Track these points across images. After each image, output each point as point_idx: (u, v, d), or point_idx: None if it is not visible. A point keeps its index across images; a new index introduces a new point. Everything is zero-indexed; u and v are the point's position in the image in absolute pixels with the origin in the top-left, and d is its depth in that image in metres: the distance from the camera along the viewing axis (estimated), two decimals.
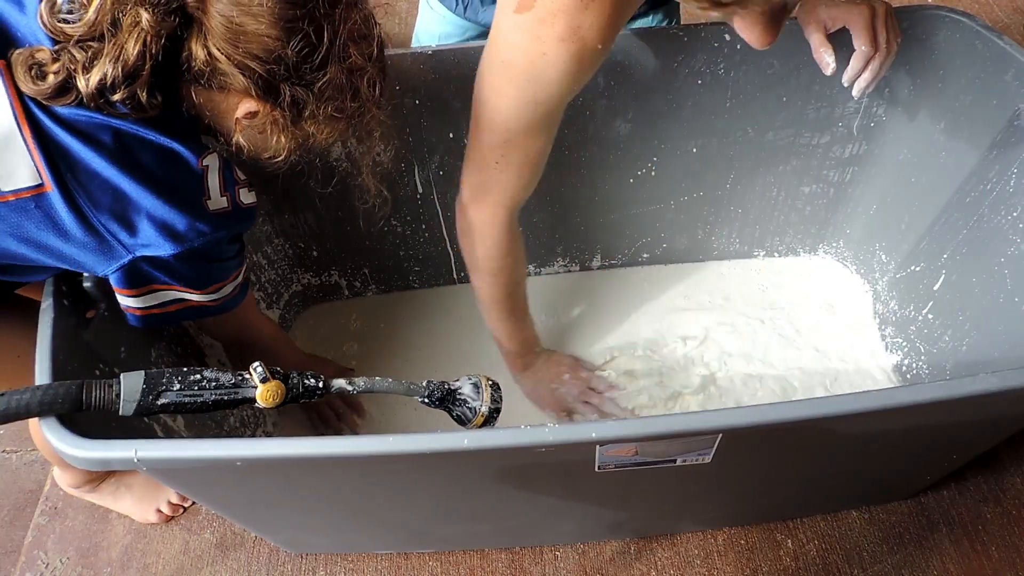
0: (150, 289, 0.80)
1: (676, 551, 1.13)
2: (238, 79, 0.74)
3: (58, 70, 0.69)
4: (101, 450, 0.69)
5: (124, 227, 0.74)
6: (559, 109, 0.91)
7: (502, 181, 0.96)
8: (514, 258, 1.07)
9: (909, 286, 1.26)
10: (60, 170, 0.71)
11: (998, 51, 1.01)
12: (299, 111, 0.78)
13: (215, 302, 0.87)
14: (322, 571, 1.14)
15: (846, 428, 0.80)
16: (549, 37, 0.82)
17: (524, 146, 0.92)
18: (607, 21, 0.82)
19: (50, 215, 0.71)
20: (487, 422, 0.86)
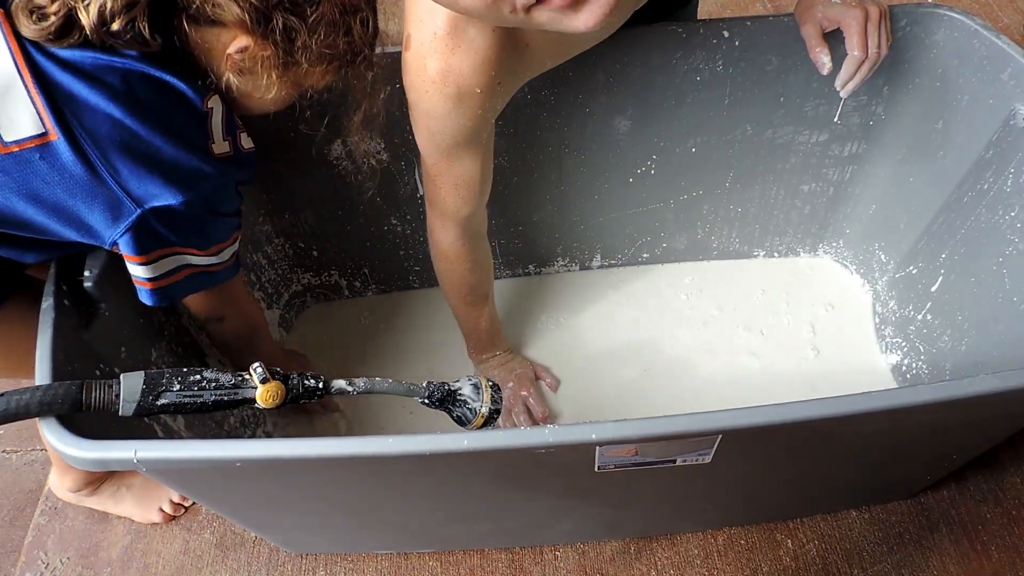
0: (159, 255, 0.78)
1: (676, 551, 1.13)
2: (232, 9, 0.72)
3: (58, 8, 0.67)
4: (101, 450, 0.69)
5: (132, 175, 0.71)
6: (470, 139, 0.91)
7: (444, 198, 0.99)
8: (479, 268, 1.11)
9: (908, 286, 1.26)
10: (65, 117, 0.68)
11: (996, 51, 1.01)
12: (291, 43, 0.77)
13: (217, 267, 0.86)
14: (322, 571, 1.14)
15: (846, 428, 0.80)
16: (425, 78, 0.83)
17: (449, 170, 0.95)
18: (480, 65, 0.81)
19: (56, 166, 0.69)
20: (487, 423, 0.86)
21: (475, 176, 0.97)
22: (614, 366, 1.32)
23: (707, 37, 1.09)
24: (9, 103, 0.67)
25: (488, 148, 0.97)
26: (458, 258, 1.08)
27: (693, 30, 1.08)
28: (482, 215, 1.07)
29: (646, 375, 1.30)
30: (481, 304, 1.19)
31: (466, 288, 1.14)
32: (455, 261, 1.08)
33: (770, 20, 1.08)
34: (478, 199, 1.01)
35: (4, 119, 0.67)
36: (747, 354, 1.32)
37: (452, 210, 1.01)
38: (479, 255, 1.11)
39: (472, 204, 1.01)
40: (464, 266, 1.09)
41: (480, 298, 1.18)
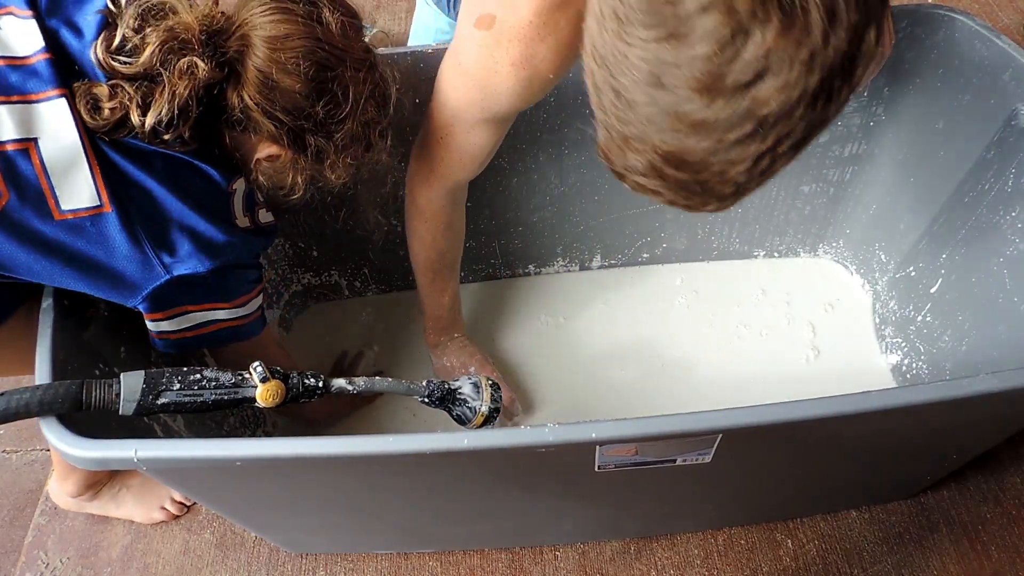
0: (183, 311, 0.84)
1: (676, 551, 1.13)
2: (267, 127, 0.80)
3: (114, 107, 0.73)
4: (101, 449, 0.69)
5: (167, 246, 0.78)
6: (506, 118, 0.93)
7: (443, 158, 0.99)
8: (453, 232, 1.11)
9: (909, 286, 1.26)
10: (119, 192, 0.75)
11: (997, 51, 1.01)
12: (319, 159, 0.85)
13: (242, 320, 0.90)
14: (322, 571, 1.14)
15: (846, 428, 0.80)
16: (503, 59, 0.83)
17: (466, 135, 0.95)
18: (561, 53, 0.83)
19: (104, 234, 0.75)
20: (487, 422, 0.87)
21: (486, 149, 0.97)
22: (614, 366, 1.32)
23: None
24: (73, 176, 0.73)
25: (502, 134, 0.97)
26: (435, 217, 1.07)
27: None
28: (463, 189, 1.07)
29: (646, 375, 1.30)
30: (447, 275, 1.18)
31: (435, 253, 1.12)
32: (431, 220, 1.07)
33: None
34: (476, 169, 1.01)
35: (66, 190, 0.73)
36: (747, 354, 1.32)
37: (445, 171, 1.00)
38: (455, 219, 1.10)
39: (469, 172, 1.01)
40: (439, 227, 1.08)
41: (447, 267, 1.17)
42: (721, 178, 0.59)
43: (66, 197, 0.73)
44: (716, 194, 0.61)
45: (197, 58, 0.75)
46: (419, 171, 1.03)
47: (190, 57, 0.74)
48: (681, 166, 0.59)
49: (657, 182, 0.62)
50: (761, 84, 0.52)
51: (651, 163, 0.60)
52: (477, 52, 0.85)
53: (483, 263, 1.42)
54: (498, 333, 1.38)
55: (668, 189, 0.62)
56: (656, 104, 0.55)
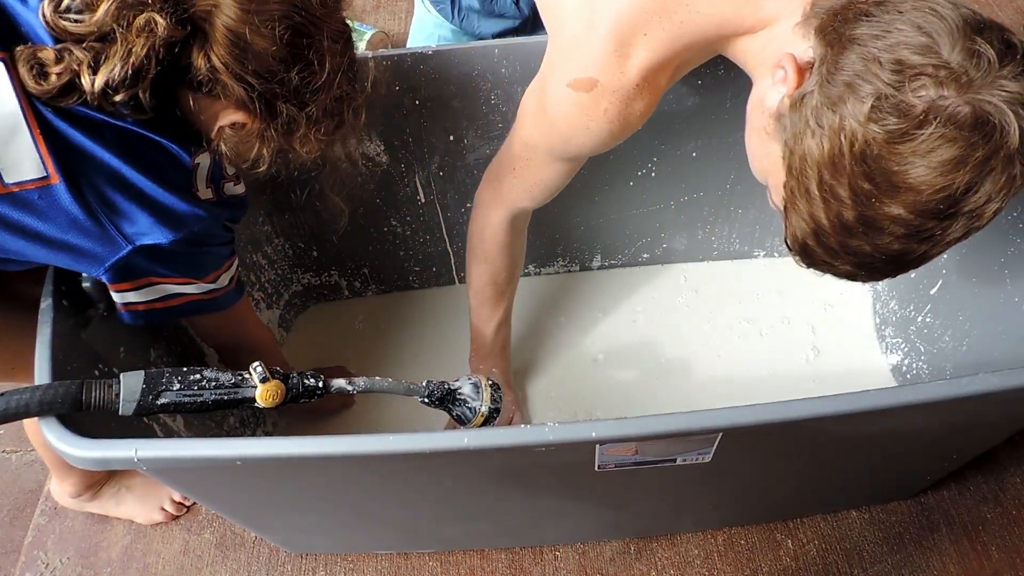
0: (149, 282, 0.81)
1: (676, 551, 1.13)
2: (237, 91, 0.75)
3: (61, 71, 0.69)
4: (101, 449, 0.69)
5: (126, 217, 0.74)
6: (578, 156, 0.95)
7: (513, 186, 1.00)
8: (508, 256, 1.11)
9: (909, 286, 1.26)
10: (67, 162, 0.71)
11: None
12: (289, 130, 0.81)
13: (212, 294, 0.87)
14: (322, 571, 1.14)
15: (846, 428, 0.80)
16: (599, 118, 0.84)
17: (540, 170, 0.97)
18: (652, 105, 0.86)
19: (55, 206, 0.71)
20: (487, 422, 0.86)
21: (555, 183, 0.99)
22: (614, 366, 1.32)
23: None
24: (13, 146, 0.69)
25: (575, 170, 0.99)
26: (495, 241, 1.08)
27: None
28: (527, 217, 1.09)
29: (646, 375, 1.30)
30: (497, 301, 1.18)
31: (488, 277, 1.13)
32: (491, 243, 1.08)
33: None
34: (543, 199, 1.03)
35: (7, 162, 0.69)
36: (747, 354, 1.32)
37: (513, 198, 1.02)
38: (514, 248, 1.11)
39: (537, 201, 1.03)
40: (496, 251, 1.09)
41: (498, 293, 1.17)
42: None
43: (9, 169, 0.69)
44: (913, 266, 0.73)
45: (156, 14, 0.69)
46: (488, 192, 1.05)
47: (148, 13, 0.69)
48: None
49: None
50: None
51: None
52: (569, 109, 0.85)
53: None
54: None
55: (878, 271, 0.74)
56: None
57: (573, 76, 0.83)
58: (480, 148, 1.20)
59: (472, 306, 1.20)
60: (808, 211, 0.71)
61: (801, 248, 0.74)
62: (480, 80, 1.11)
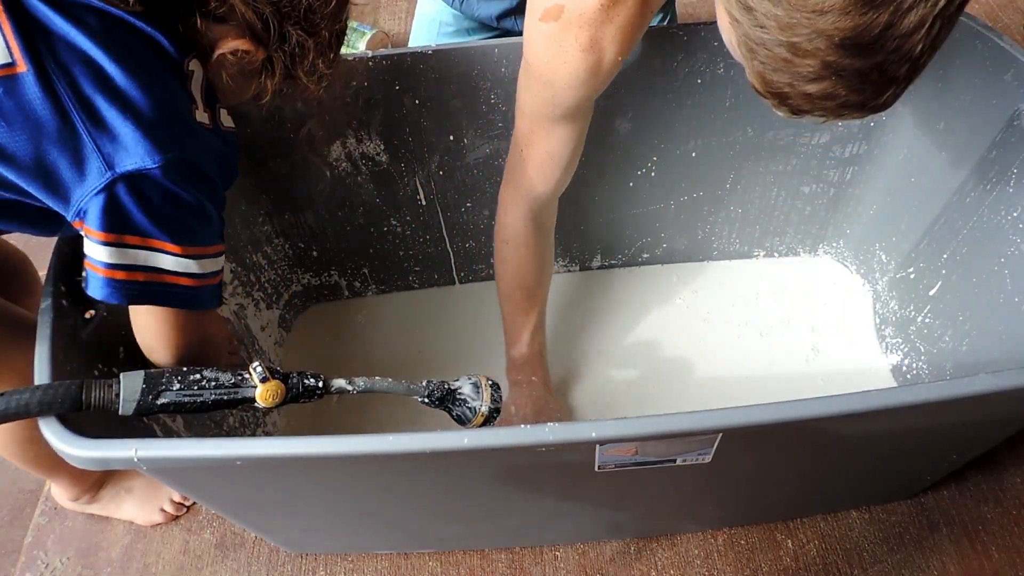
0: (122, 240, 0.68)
1: (676, 551, 1.13)
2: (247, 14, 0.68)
3: None
4: (101, 449, 0.69)
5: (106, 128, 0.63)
6: (580, 110, 0.94)
7: (526, 172, 1.00)
8: (535, 256, 1.10)
9: (909, 286, 1.26)
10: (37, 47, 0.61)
11: (998, 51, 1.01)
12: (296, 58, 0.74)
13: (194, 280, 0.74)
14: (322, 571, 1.14)
15: (846, 428, 0.80)
16: (571, 47, 0.84)
17: (545, 139, 0.96)
18: (626, 34, 0.85)
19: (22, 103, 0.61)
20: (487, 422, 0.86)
21: (566, 152, 0.98)
22: (614, 366, 1.32)
23: (708, 39, 1.09)
24: None
25: (584, 131, 0.98)
26: (519, 242, 1.07)
27: (694, 32, 1.08)
28: (553, 207, 1.08)
29: (646, 375, 1.30)
30: (527, 306, 1.16)
31: (516, 280, 1.12)
32: (513, 243, 1.08)
33: None
34: (559, 179, 1.01)
35: None
36: (747, 354, 1.32)
37: (528, 186, 1.01)
38: (541, 249, 1.10)
39: (551, 183, 1.01)
40: (523, 253, 1.09)
41: (528, 297, 1.15)
42: (897, 56, 0.60)
43: None
44: (892, 77, 0.62)
45: None
46: (505, 192, 1.05)
47: None
48: (857, 51, 0.60)
49: (831, 82, 0.63)
50: None
51: (824, 61, 0.61)
52: (544, 44, 0.86)
53: (483, 263, 1.42)
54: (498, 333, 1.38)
55: (844, 86, 0.63)
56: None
57: (543, 7, 0.84)
58: (480, 148, 1.20)
59: (504, 313, 1.18)
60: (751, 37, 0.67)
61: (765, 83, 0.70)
62: (480, 80, 1.11)
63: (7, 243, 1.12)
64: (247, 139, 1.14)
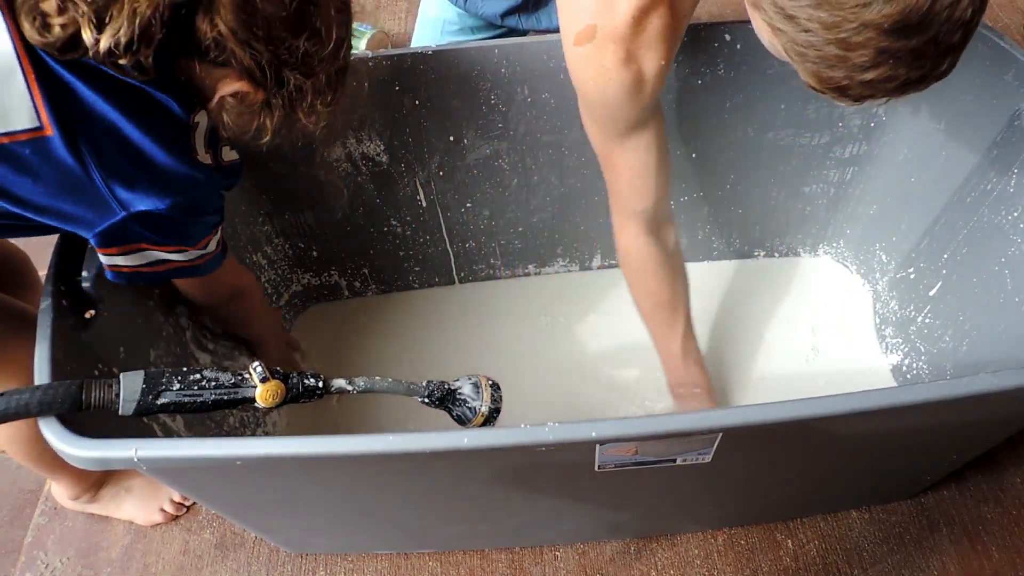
0: (138, 248, 0.78)
1: (676, 551, 1.13)
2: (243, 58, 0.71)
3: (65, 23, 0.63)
4: (101, 450, 0.69)
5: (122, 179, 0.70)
6: (643, 120, 0.94)
7: (621, 193, 1.02)
8: (658, 269, 1.08)
9: (909, 286, 1.26)
10: (63, 113, 0.66)
11: (998, 51, 1.01)
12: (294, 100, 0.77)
13: (199, 260, 0.86)
14: (322, 571, 1.14)
15: (846, 428, 0.80)
16: (612, 64, 0.85)
17: (623, 157, 0.97)
18: (662, 41, 0.86)
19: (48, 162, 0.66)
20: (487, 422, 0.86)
21: (650, 161, 0.98)
22: (614, 366, 1.32)
23: (708, 40, 1.09)
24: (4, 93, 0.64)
25: (660, 136, 0.98)
26: (638, 260, 1.08)
27: (694, 33, 1.08)
28: (664, 216, 1.06)
29: (646, 375, 1.30)
30: (672, 323, 1.15)
31: (652, 301, 1.12)
32: (635, 265, 1.08)
33: None
34: (655, 190, 1.01)
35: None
36: (747, 354, 1.32)
37: (630, 205, 1.02)
38: (667, 264, 1.09)
39: (649, 198, 1.01)
40: (645, 270, 1.08)
41: (671, 315, 1.14)
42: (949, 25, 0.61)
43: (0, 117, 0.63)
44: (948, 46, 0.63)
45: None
46: (614, 219, 1.07)
47: None
48: (909, 32, 0.61)
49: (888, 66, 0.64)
50: None
51: (877, 49, 0.62)
52: (585, 66, 0.87)
53: (483, 263, 1.42)
54: (498, 333, 1.38)
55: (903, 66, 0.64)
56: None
57: (575, 31, 0.84)
58: (480, 148, 1.20)
59: (651, 333, 1.17)
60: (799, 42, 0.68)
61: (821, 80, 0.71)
62: (480, 80, 1.11)
63: (7, 242, 1.12)
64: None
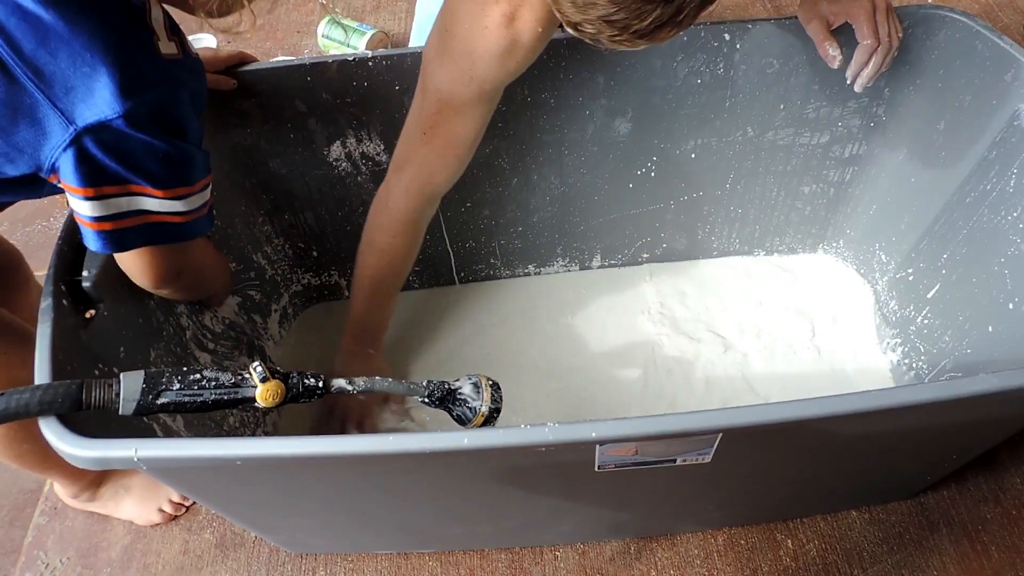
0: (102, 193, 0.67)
1: (676, 551, 1.13)
2: None
3: None
4: (101, 449, 0.69)
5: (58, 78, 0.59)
6: (492, 92, 0.93)
7: (424, 155, 0.98)
8: (404, 244, 1.08)
9: (909, 286, 1.26)
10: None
11: (998, 51, 1.01)
12: None
13: (183, 216, 0.74)
14: (322, 571, 1.14)
15: (846, 428, 0.80)
16: (494, 13, 0.84)
17: (452, 123, 0.94)
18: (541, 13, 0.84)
19: None
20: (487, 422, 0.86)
21: (468, 139, 0.97)
22: (614, 366, 1.32)
23: (708, 40, 1.09)
24: None
25: (486, 121, 0.97)
26: (397, 233, 1.06)
27: (694, 33, 1.08)
28: (435, 204, 1.06)
29: (646, 375, 1.30)
30: (392, 294, 1.16)
31: (389, 269, 1.11)
32: (391, 235, 1.06)
33: (771, 23, 1.08)
34: (455, 171, 1.00)
35: None
36: (747, 354, 1.32)
37: (427, 172, 1.00)
38: (413, 246, 1.09)
39: (450, 172, 1.00)
40: (397, 244, 1.07)
41: (393, 287, 1.15)
42: None
43: None
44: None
45: None
46: (397, 179, 1.03)
47: None
48: None
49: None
50: None
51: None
52: (467, 8, 0.86)
53: (483, 263, 1.42)
54: (498, 333, 1.38)
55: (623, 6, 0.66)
56: None
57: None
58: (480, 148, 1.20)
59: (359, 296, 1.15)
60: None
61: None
62: None
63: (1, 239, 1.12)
64: (247, 139, 1.15)
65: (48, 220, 1.65)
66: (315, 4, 2.07)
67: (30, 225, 1.65)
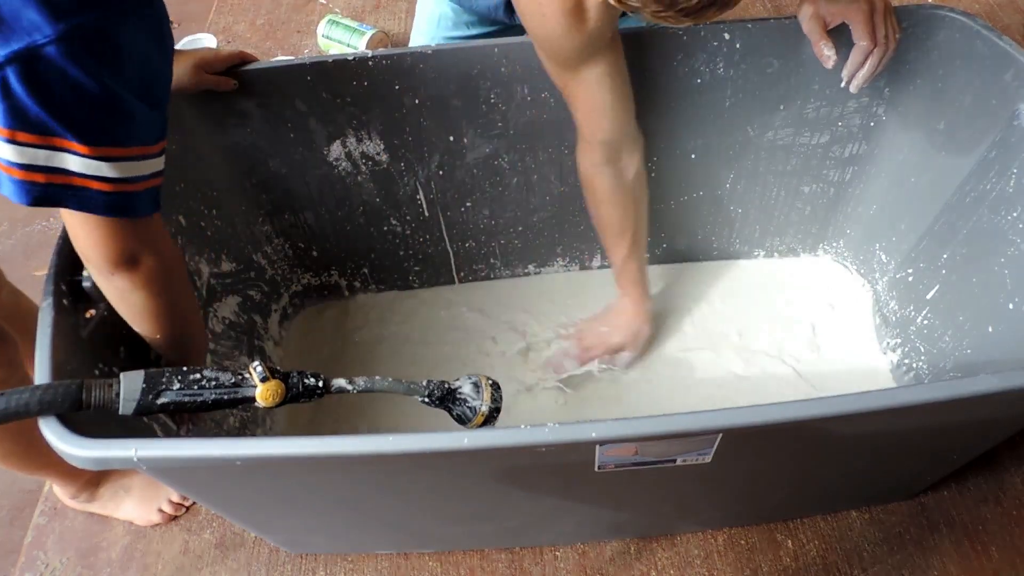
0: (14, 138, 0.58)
1: (676, 551, 1.13)
2: None
3: None
4: (101, 449, 0.69)
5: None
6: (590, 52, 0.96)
7: (577, 120, 1.06)
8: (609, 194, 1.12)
9: (909, 286, 1.26)
10: None
11: (998, 51, 1.01)
12: None
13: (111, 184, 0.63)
14: (322, 571, 1.14)
15: (846, 428, 0.80)
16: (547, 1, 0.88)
17: (577, 87, 0.99)
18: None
19: None
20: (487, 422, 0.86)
21: (604, 98, 1.01)
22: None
23: (708, 39, 1.09)
24: None
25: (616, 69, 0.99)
26: (592, 186, 1.12)
27: (693, 32, 1.08)
28: (623, 146, 1.08)
29: (646, 375, 1.30)
30: (617, 241, 1.19)
31: (602, 221, 1.17)
32: (591, 190, 1.13)
33: (771, 22, 1.08)
34: (611, 124, 1.04)
35: None
36: (747, 354, 1.32)
37: (588, 134, 1.06)
38: (616, 188, 1.12)
39: (606, 130, 1.04)
40: (599, 196, 1.13)
41: (615, 236, 1.18)
42: None
43: None
44: None
45: None
46: (577, 145, 1.11)
47: None
48: None
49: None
50: None
51: None
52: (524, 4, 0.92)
53: (483, 263, 1.42)
54: (498, 333, 1.38)
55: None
56: None
57: None
58: (480, 147, 1.20)
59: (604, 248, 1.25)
60: None
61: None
62: (480, 79, 1.11)
63: None
64: (247, 139, 1.15)
65: (48, 220, 1.65)
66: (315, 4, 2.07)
67: (30, 225, 1.65)
